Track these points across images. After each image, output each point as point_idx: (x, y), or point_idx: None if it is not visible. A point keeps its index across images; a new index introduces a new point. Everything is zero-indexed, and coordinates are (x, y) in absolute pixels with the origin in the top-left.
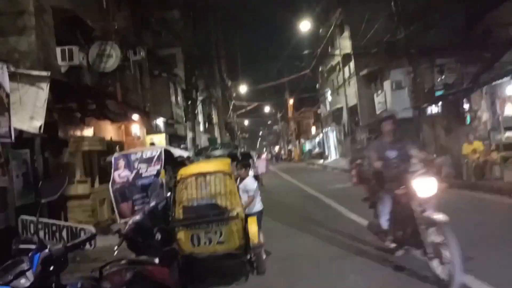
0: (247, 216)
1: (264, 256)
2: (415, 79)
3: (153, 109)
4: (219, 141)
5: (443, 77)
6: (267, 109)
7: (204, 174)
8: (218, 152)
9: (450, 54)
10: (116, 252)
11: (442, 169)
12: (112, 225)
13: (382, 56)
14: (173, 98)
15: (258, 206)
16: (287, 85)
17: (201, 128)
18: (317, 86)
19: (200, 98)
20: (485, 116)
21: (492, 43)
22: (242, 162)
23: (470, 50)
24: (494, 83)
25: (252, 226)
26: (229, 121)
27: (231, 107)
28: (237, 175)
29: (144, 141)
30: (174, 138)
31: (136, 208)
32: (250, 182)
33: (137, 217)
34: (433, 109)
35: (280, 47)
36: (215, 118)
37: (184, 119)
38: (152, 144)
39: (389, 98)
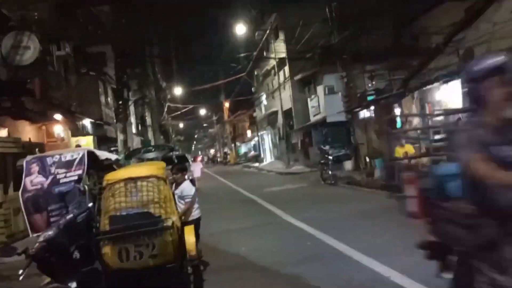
0: (183, 224)
1: (202, 268)
2: (348, 84)
3: (80, 109)
4: (153, 143)
5: (373, 82)
6: (203, 111)
7: (134, 179)
8: (151, 155)
9: (379, 61)
10: (21, 277)
11: None
12: (15, 243)
13: (316, 61)
14: (102, 98)
15: (196, 213)
16: (223, 88)
17: (134, 130)
18: (253, 89)
19: (132, 99)
20: (415, 120)
21: (419, 51)
22: (178, 165)
23: (398, 57)
24: (425, 88)
25: (189, 236)
26: (163, 123)
27: (165, 109)
28: (173, 179)
29: (69, 144)
30: (104, 141)
31: (52, 220)
32: (187, 187)
33: (49, 233)
34: (366, 113)
35: (217, 49)
36: (148, 120)
37: (114, 120)
38: (78, 146)
39: (322, 102)
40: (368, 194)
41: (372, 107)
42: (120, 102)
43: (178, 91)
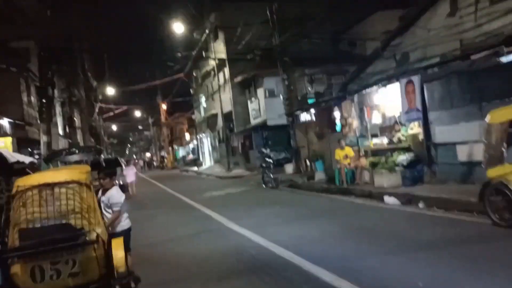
0: (111, 237)
1: (133, 286)
2: (289, 87)
3: None
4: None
5: (312, 86)
6: (138, 113)
7: (51, 185)
8: (75, 157)
9: (319, 65)
10: None
11: None
12: None
13: (257, 63)
14: (24, 96)
15: (125, 223)
16: (160, 89)
17: (60, 131)
18: (192, 91)
19: (59, 98)
20: (354, 123)
21: (356, 57)
22: (106, 169)
23: (336, 62)
24: (364, 91)
25: (118, 251)
26: (94, 125)
27: (96, 110)
28: (99, 185)
29: None
30: (25, 143)
31: None
32: (115, 195)
33: None
34: (306, 116)
35: (154, 47)
36: (77, 122)
37: (38, 120)
38: None
39: (262, 105)
40: (310, 197)
41: (313, 110)
42: (44, 101)
43: (111, 91)
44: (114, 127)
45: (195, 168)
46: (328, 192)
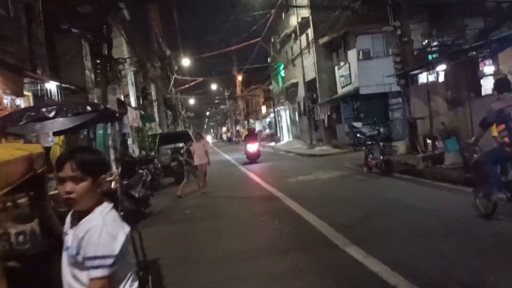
0: None
1: None
2: (401, 38)
3: (53, 73)
4: (157, 119)
5: (435, 35)
6: (214, 86)
7: None
8: (58, 125)
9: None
10: None
11: None
12: None
13: (349, 19)
14: (88, 62)
15: None
16: (236, 59)
17: (133, 103)
18: (269, 59)
19: (130, 67)
20: None
21: None
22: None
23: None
24: None
25: None
26: (168, 97)
27: (172, 81)
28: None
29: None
30: None
31: None
32: (97, 233)
33: None
34: (428, 77)
35: (227, 10)
36: (154, 95)
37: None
38: None
39: (354, 70)
40: (448, 192)
41: (441, 67)
42: (98, 61)
43: (186, 62)
44: (191, 102)
45: (272, 144)
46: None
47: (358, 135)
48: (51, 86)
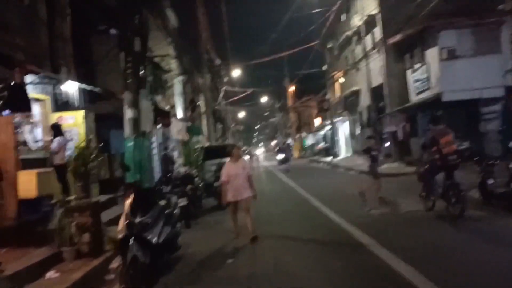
0: None
1: None
2: None
3: (88, 78)
4: (205, 132)
5: None
6: (264, 99)
7: None
8: None
9: None
10: None
11: None
12: None
13: (427, 13)
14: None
15: None
16: (288, 67)
17: (179, 114)
18: (324, 67)
19: (180, 77)
20: None
21: None
22: None
23: None
24: None
25: None
26: (218, 108)
27: (221, 93)
28: None
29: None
30: (111, 120)
31: None
32: None
33: None
34: None
35: (280, 14)
36: (203, 107)
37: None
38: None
39: (435, 72)
40: None
41: None
42: (129, 58)
43: (236, 73)
44: (240, 115)
45: (328, 159)
46: None
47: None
48: (73, 89)
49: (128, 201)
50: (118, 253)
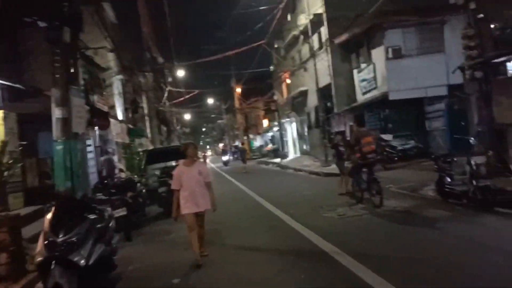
0: None
1: None
2: (475, 15)
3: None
4: (149, 134)
5: None
6: (210, 101)
7: None
8: None
9: None
10: None
11: None
12: None
13: (372, 14)
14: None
15: None
16: (234, 67)
17: (120, 115)
18: (271, 67)
19: (118, 76)
20: None
21: None
22: None
23: None
24: None
25: None
26: (162, 109)
27: (165, 94)
28: None
29: None
30: (39, 120)
31: None
32: None
33: None
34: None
35: (225, 11)
36: (145, 109)
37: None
38: None
39: (382, 71)
40: None
41: None
42: (58, 51)
43: (180, 73)
44: (187, 117)
45: (277, 160)
46: None
47: (387, 149)
48: None
49: (49, 216)
50: (39, 278)
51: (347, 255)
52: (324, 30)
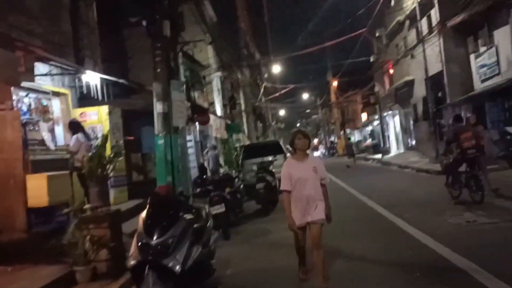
0: None
1: None
2: None
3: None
4: (246, 130)
5: None
6: (305, 96)
7: None
8: None
9: None
10: None
11: None
12: None
13: None
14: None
15: None
16: (331, 63)
17: (218, 111)
18: (372, 58)
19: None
20: None
21: None
22: None
23: None
24: None
25: None
26: (258, 105)
27: (262, 90)
28: None
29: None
30: (142, 116)
31: None
32: None
33: None
34: None
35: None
36: (242, 105)
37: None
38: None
39: (506, 55)
40: None
41: None
42: (159, 45)
43: (276, 68)
44: (281, 113)
45: (377, 156)
46: None
47: None
48: (97, 82)
49: (143, 215)
50: (133, 282)
51: (491, 275)
52: (434, 13)
